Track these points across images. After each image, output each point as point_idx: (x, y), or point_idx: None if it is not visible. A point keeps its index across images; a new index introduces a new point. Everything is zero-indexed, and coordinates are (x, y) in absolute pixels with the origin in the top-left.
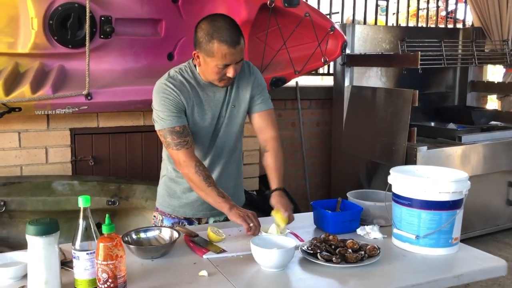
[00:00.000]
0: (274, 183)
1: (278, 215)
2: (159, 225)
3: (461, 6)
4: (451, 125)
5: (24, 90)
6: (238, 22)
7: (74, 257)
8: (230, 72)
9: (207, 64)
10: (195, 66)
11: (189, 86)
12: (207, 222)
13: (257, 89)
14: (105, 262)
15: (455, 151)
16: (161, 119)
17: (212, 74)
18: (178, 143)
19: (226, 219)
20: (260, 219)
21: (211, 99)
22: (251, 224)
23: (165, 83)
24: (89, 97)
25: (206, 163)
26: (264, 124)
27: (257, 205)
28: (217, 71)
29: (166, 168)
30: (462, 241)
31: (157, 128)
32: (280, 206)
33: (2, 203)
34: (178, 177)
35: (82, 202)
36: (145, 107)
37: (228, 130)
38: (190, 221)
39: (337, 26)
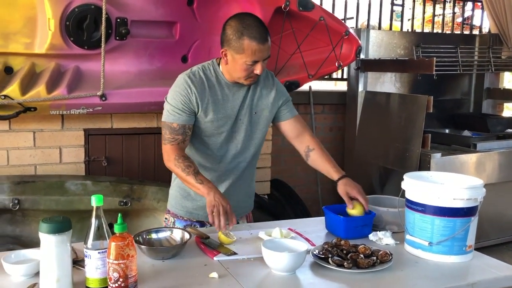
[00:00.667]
0: (335, 172)
1: (357, 207)
2: (166, 227)
3: (477, 12)
4: (466, 133)
5: (39, 90)
6: None
7: (86, 256)
8: (258, 69)
9: (235, 61)
10: (218, 65)
11: (208, 84)
12: None
13: (284, 100)
14: (116, 261)
15: (470, 158)
16: (167, 111)
17: (240, 71)
18: (168, 139)
19: (237, 222)
20: (266, 223)
21: (229, 99)
22: (215, 221)
23: (184, 78)
24: (103, 98)
25: (221, 169)
26: (300, 128)
27: (268, 209)
28: (246, 68)
29: None
30: (476, 250)
31: (162, 118)
32: (356, 194)
33: (16, 201)
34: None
35: (95, 201)
36: (159, 108)
37: (250, 136)
38: (202, 224)
39: (351, 31)
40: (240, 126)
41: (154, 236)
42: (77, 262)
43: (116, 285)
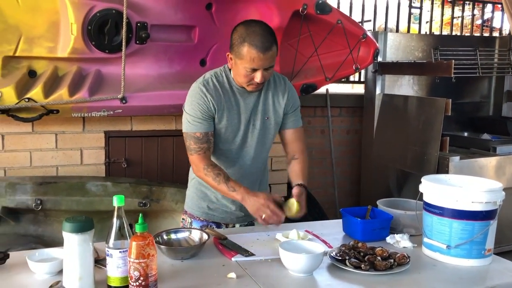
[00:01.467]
0: (298, 179)
1: (290, 202)
2: (185, 227)
3: (497, 14)
4: (485, 136)
5: (62, 93)
6: None
7: (108, 255)
8: (257, 77)
9: (237, 66)
10: (230, 70)
11: (222, 90)
12: (233, 226)
13: (292, 106)
14: (137, 260)
15: (489, 162)
16: (188, 122)
17: (241, 76)
18: (193, 149)
19: (251, 224)
20: (283, 225)
21: (242, 105)
22: (264, 216)
23: (198, 87)
24: (124, 101)
25: (234, 168)
26: (295, 138)
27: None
28: (245, 74)
29: None
30: (496, 254)
31: (183, 130)
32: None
33: (38, 202)
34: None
35: (117, 201)
36: (178, 111)
37: (262, 141)
38: (218, 225)
39: (369, 33)
40: (253, 131)
41: (173, 236)
42: (98, 261)
43: (137, 283)
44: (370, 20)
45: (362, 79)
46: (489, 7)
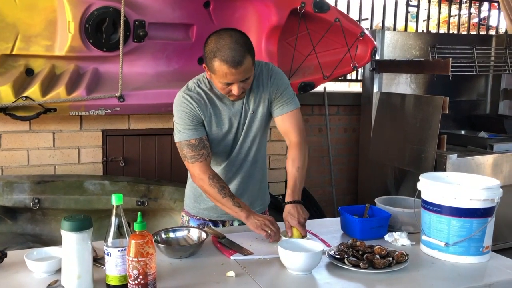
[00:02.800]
0: (287, 195)
1: (295, 232)
2: (186, 225)
3: (494, 12)
4: (483, 134)
5: (59, 92)
6: (268, 27)
7: (106, 254)
8: (234, 90)
9: (213, 79)
10: None
11: (206, 97)
12: (231, 225)
13: (276, 92)
14: (136, 259)
15: (486, 159)
16: (179, 131)
17: (219, 89)
18: (193, 157)
19: None
20: (282, 223)
21: (229, 109)
22: (269, 232)
23: (182, 96)
24: (121, 99)
25: (227, 169)
26: (287, 128)
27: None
28: (222, 87)
29: None
30: (493, 252)
31: (175, 140)
32: (291, 222)
33: (36, 200)
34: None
35: (115, 200)
36: None
37: (248, 136)
38: (215, 223)
39: (367, 32)
40: (241, 128)
41: (171, 235)
42: (97, 260)
43: (136, 282)
44: (367, 19)
45: (360, 77)
46: (485, 5)
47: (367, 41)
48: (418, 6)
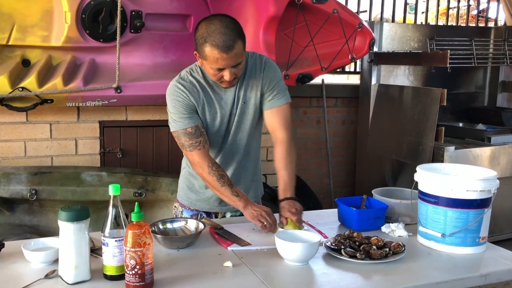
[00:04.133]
0: (279, 194)
1: (290, 223)
2: (180, 216)
3: (493, 4)
4: (480, 126)
5: (56, 82)
6: (265, 18)
7: (103, 244)
8: (226, 76)
9: (204, 66)
10: None
11: (199, 86)
12: (224, 216)
13: (268, 84)
14: (133, 249)
15: (484, 152)
16: (174, 121)
17: (210, 75)
18: (191, 145)
19: (241, 214)
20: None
21: (221, 98)
22: (265, 223)
23: (175, 85)
24: (118, 90)
25: (220, 160)
26: (274, 124)
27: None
28: (213, 73)
29: (186, 162)
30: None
31: (171, 130)
32: (284, 214)
33: (33, 191)
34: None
35: (112, 190)
36: None
37: (240, 128)
38: (208, 214)
39: (365, 23)
40: (232, 118)
41: (169, 226)
42: (94, 250)
43: (133, 272)
44: (366, 11)
45: (358, 69)
46: None
47: (365, 33)
48: None
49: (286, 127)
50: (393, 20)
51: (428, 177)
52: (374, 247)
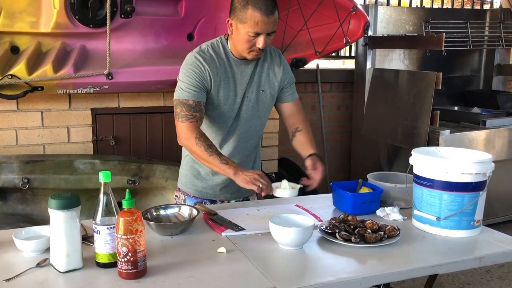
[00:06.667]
0: (308, 150)
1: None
2: (182, 203)
3: None
4: (476, 109)
5: (46, 69)
6: None
7: (95, 231)
8: (259, 43)
9: (238, 31)
10: (226, 41)
11: (219, 61)
12: (229, 202)
13: (288, 81)
14: (125, 236)
15: (479, 135)
16: (180, 89)
17: (242, 42)
18: (185, 116)
19: (246, 199)
20: (274, 200)
21: (238, 77)
22: (260, 185)
23: (195, 56)
24: (110, 77)
25: (232, 145)
26: (296, 110)
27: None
28: (248, 39)
29: None
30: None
31: (174, 97)
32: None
33: (26, 180)
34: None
35: (103, 177)
36: (165, 87)
37: (257, 114)
38: (212, 202)
39: (359, 6)
40: (247, 104)
41: (162, 212)
42: (87, 238)
43: (125, 259)
44: None
45: (353, 54)
46: None
47: (360, 16)
48: None
49: (304, 113)
50: (388, 3)
51: (423, 160)
52: (369, 230)
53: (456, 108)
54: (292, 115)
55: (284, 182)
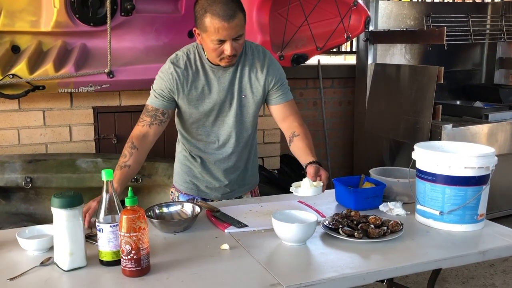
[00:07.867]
0: (307, 157)
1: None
2: (176, 201)
3: None
4: (478, 103)
5: (47, 68)
6: None
7: (98, 230)
8: (227, 49)
9: (204, 41)
10: (203, 47)
11: (192, 69)
12: (220, 200)
13: (275, 82)
14: (128, 234)
15: (482, 129)
16: (150, 94)
17: (210, 51)
18: (140, 119)
19: (239, 197)
20: (276, 196)
21: (215, 84)
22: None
23: (168, 64)
24: (111, 75)
25: (216, 149)
26: (289, 113)
27: (278, 183)
28: (214, 47)
29: (181, 146)
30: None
31: None
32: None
33: (28, 179)
34: (191, 156)
35: (105, 175)
36: None
37: (240, 120)
38: (203, 199)
39: (360, 1)
40: (229, 110)
41: (165, 210)
42: (91, 237)
43: (129, 257)
44: None
45: (354, 49)
46: None
47: (361, 11)
48: None
49: (299, 115)
50: None
51: (426, 155)
52: (372, 226)
53: (458, 102)
54: (286, 118)
55: (306, 180)
